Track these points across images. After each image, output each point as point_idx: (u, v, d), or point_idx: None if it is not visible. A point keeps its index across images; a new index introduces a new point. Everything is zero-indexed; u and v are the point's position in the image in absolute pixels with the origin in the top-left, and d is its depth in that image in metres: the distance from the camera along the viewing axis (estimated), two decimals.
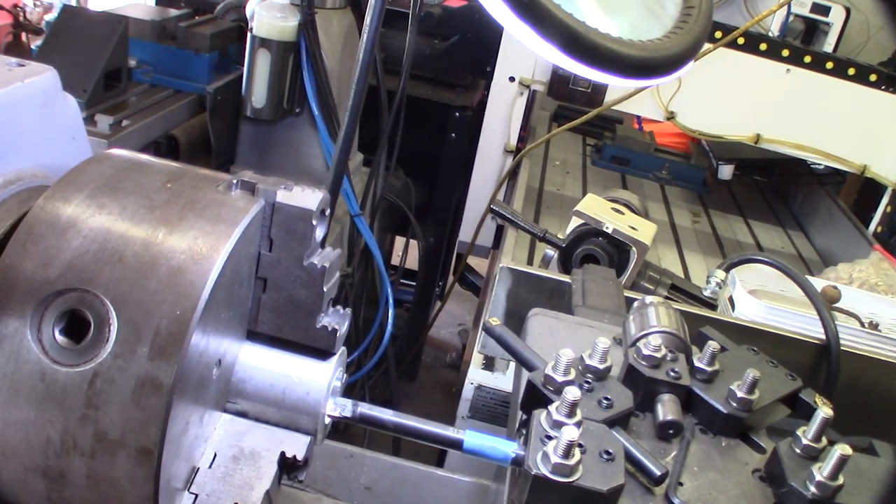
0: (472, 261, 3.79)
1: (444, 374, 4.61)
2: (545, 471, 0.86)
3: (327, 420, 0.93)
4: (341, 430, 3.01)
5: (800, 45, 3.26)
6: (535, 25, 0.83)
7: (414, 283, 3.88)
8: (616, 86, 2.89)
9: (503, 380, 2.49)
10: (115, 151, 0.94)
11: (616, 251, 2.26)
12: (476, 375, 2.49)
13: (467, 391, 2.48)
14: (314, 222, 0.87)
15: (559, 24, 0.84)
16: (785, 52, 2.97)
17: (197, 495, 0.84)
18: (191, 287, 0.77)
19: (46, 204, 0.85)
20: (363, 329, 3.01)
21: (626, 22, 0.98)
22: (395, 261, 3.99)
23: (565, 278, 2.04)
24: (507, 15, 0.83)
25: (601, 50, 0.88)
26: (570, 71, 1.03)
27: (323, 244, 0.93)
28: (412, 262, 3.82)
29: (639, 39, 0.92)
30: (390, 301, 2.79)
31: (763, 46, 2.96)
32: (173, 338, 0.75)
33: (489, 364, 2.54)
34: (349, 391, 3.18)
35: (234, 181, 0.88)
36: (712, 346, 1.14)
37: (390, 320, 2.78)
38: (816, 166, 3.71)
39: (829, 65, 2.96)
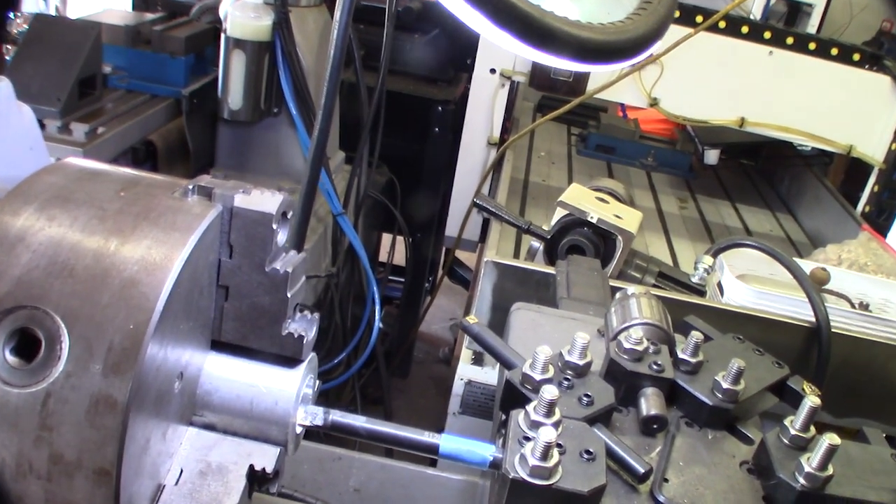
0: (461, 254, 3.76)
1: (437, 369, 4.58)
2: (523, 474, 0.83)
3: (298, 429, 0.91)
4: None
5: (782, 27, 3.24)
6: (487, 12, 0.80)
7: (402, 280, 3.85)
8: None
9: (493, 375, 2.46)
10: (69, 160, 0.91)
11: (602, 241, 2.23)
12: (466, 371, 2.45)
13: (457, 387, 2.45)
14: (275, 226, 0.84)
15: (511, 8, 0.80)
16: (767, 35, 2.95)
17: None
18: (144, 299, 0.74)
19: None
20: (352, 328, 2.98)
21: (586, 4, 0.94)
22: (384, 257, 3.97)
23: (551, 270, 2.01)
24: (459, 4, 0.80)
25: (557, 34, 0.84)
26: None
27: (289, 248, 0.90)
28: (400, 259, 3.80)
29: (599, 22, 0.89)
30: (377, 299, 2.76)
31: (745, 29, 2.94)
32: (127, 353, 0.72)
33: (478, 359, 2.51)
34: (340, 391, 3.15)
35: (191, 187, 0.85)
36: (696, 336, 1.12)
37: (377, 318, 2.75)
38: (803, 148, 3.70)
39: (812, 45, 2.94)
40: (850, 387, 2.02)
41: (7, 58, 3.07)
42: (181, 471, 0.84)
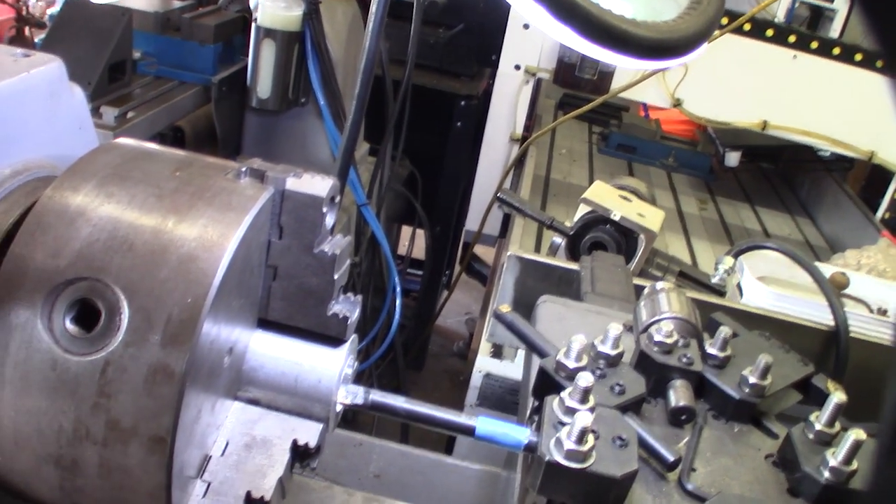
0: (479, 249, 3.78)
1: (452, 362, 4.61)
2: (559, 457, 0.86)
3: (339, 407, 0.93)
4: (349, 418, 3.01)
5: (806, 31, 3.25)
6: (550, 8, 0.82)
7: (421, 273, 3.88)
8: (630, 68, 2.87)
9: (511, 368, 2.49)
10: (123, 141, 0.94)
11: (624, 238, 2.25)
12: (484, 364, 2.48)
13: (475, 379, 2.48)
14: (324, 209, 0.87)
15: (574, 6, 0.83)
16: (791, 38, 2.95)
17: (210, 483, 0.84)
18: (202, 275, 0.77)
19: (55, 194, 0.85)
20: (371, 318, 3.01)
21: (640, 3, 0.97)
22: (402, 250, 3.99)
23: (573, 266, 2.03)
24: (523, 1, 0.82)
25: (616, 32, 0.87)
26: (584, 54, 1.03)
27: (333, 231, 0.93)
28: (419, 252, 3.82)
29: (653, 21, 0.91)
30: (398, 290, 2.78)
31: (769, 32, 2.95)
32: (185, 325, 0.75)
33: (497, 352, 2.53)
34: (357, 380, 3.18)
35: (243, 169, 0.88)
36: (724, 331, 1.14)
37: (398, 309, 2.78)
38: (823, 153, 3.70)
39: (836, 50, 2.94)
40: (867, 391, 2.01)
41: (36, 40, 3.11)
42: (227, 443, 0.87)
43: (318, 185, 0.87)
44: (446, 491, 1.83)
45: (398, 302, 2.79)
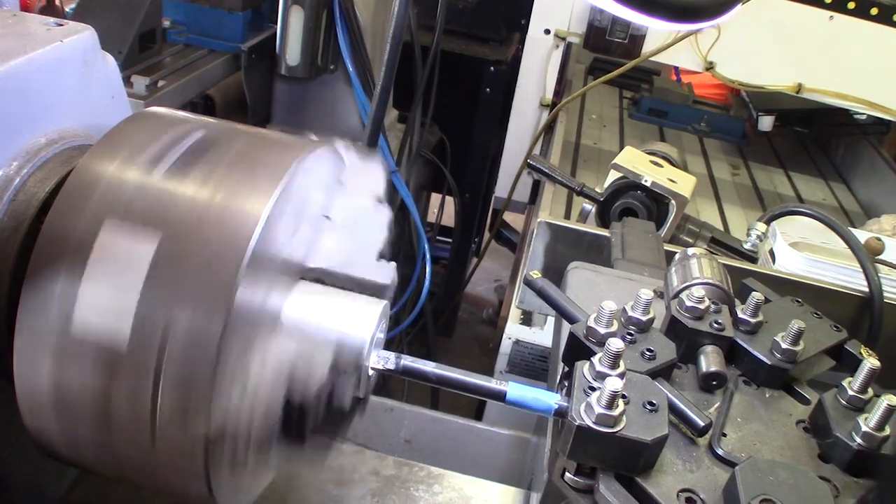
0: (508, 217, 3.77)
1: (481, 329, 4.63)
2: (589, 421, 0.86)
3: (371, 372, 0.94)
4: (380, 385, 3.04)
5: None
6: None
7: (450, 240, 3.88)
8: (662, 30, 2.83)
9: (541, 335, 2.49)
10: (154, 109, 0.95)
11: (655, 204, 2.23)
12: (514, 330, 2.49)
13: (505, 346, 2.49)
14: None
15: None
16: None
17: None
18: (238, 238, 0.78)
19: (91, 162, 0.86)
20: (400, 286, 3.02)
21: None
22: (431, 218, 3.99)
23: (604, 232, 2.03)
24: None
25: None
26: (615, 17, 1.02)
27: None
28: (448, 219, 3.82)
29: None
30: (427, 257, 2.79)
31: None
32: (222, 287, 0.76)
33: (527, 319, 2.54)
34: (387, 346, 3.20)
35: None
36: (756, 297, 1.13)
37: (427, 276, 2.79)
38: (859, 116, 3.63)
39: (874, 11, 2.87)
40: None
41: (66, 9, 3.13)
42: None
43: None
44: (477, 456, 1.84)
45: (428, 269, 2.80)
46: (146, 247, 0.78)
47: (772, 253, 2.26)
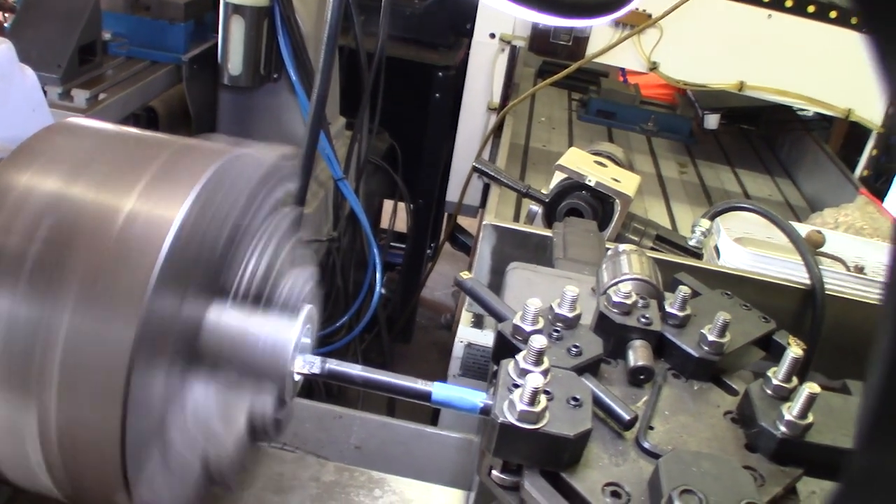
0: (463, 221, 3.79)
1: (439, 335, 4.62)
2: (511, 418, 0.87)
3: (297, 377, 0.94)
4: (336, 393, 3.03)
5: None
6: None
7: (404, 246, 3.88)
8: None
9: (493, 337, 2.49)
10: (72, 120, 0.94)
11: (600, 204, 2.25)
12: (465, 333, 2.49)
13: (457, 349, 2.49)
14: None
15: None
16: None
17: (167, 451, 0.84)
18: (148, 249, 0.77)
19: (2, 174, 0.85)
20: (353, 293, 3.01)
21: None
22: (385, 224, 3.99)
23: (549, 233, 2.04)
24: None
25: None
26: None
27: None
28: (402, 225, 3.82)
29: None
30: (377, 264, 2.79)
31: None
32: (132, 298, 0.76)
33: (478, 322, 2.54)
34: (342, 355, 3.20)
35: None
36: (683, 290, 1.14)
37: (378, 282, 2.79)
38: (804, 113, 3.70)
39: (811, 8, 2.93)
40: (845, 347, 2.04)
41: (5, 25, 3.08)
42: (184, 413, 0.87)
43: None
44: (427, 460, 1.84)
45: (378, 276, 2.79)
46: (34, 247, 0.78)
47: (717, 249, 2.29)
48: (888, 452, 0.41)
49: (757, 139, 3.95)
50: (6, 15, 3.22)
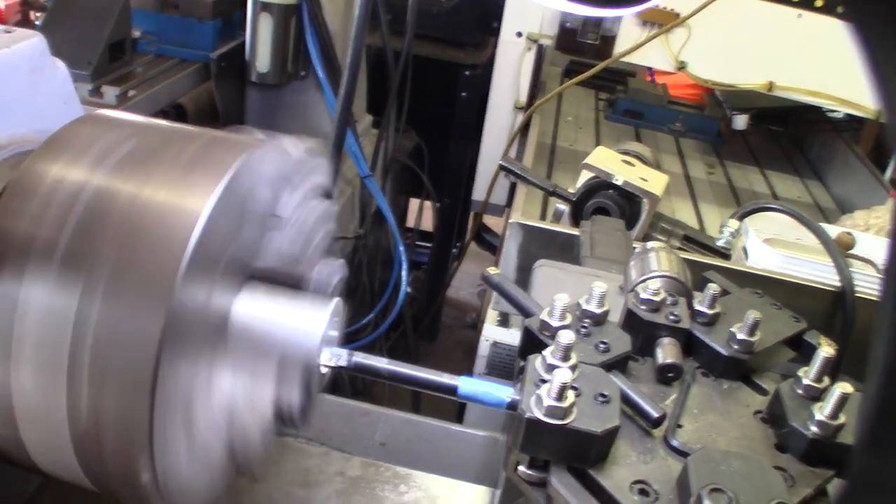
0: (489, 220, 3.78)
1: (464, 334, 4.62)
2: (538, 414, 0.86)
3: (323, 370, 0.94)
4: (361, 389, 3.03)
5: None
6: None
7: (430, 245, 3.88)
8: (588, 16, 2.84)
9: (518, 336, 2.49)
10: (100, 111, 0.95)
11: (627, 203, 2.24)
12: (491, 332, 2.48)
13: (483, 348, 2.48)
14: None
15: None
16: None
17: (194, 439, 0.85)
18: (178, 239, 0.78)
19: (34, 164, 0.86)
20: (379, 291, 3.02)
21: None
22: (412, 223, 4.00)
23: (576, 232, 2.03)
24: None
25: None
26: (587, 17, 1.01)
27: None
28: (428, 224, 3.82)
29: None
30: (404, 262, 2.79)
31: None
32: (161, 287, 0.76)
33: (504, 320, 2.53)
34: (367, 352, 3.20)
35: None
36: (713, 288, 1.13)
37: (404, 281, 2.79)
38: (833, 114, 3.65)
39: (840, 8, 2.89)
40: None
41: (37, 23, 3.12)
42: (210, 402, 0.87)
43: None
44: (452, 458, 1.84)
45: (404, 274, 2.80)
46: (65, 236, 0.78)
47: (745, 249, 2.26)
48: (890, 453, 0.41)
49: (786, 140, 3.91)
50: (37, 14, 3.27)
